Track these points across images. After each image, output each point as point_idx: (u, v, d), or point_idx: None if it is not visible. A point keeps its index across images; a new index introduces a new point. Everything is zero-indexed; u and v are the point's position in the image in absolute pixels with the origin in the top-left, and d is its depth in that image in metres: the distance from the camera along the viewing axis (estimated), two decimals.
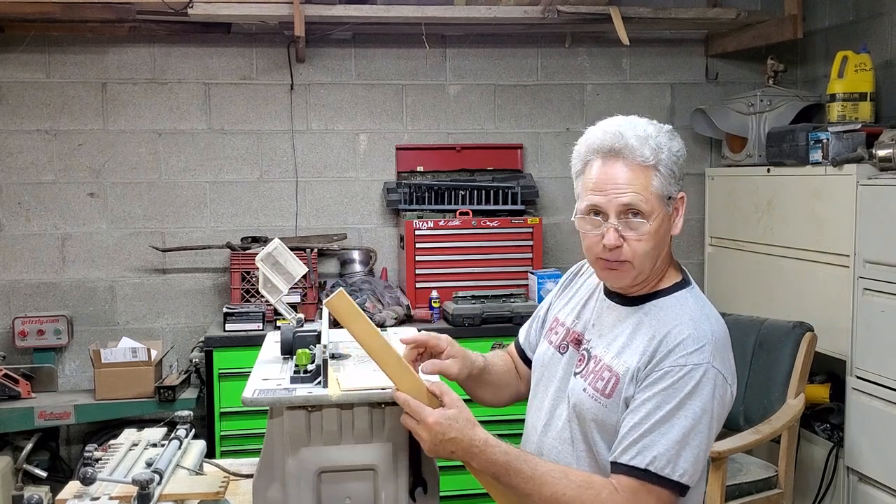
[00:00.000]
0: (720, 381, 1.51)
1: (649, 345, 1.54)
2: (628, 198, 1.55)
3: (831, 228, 3.23)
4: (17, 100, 3.94)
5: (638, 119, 1.62)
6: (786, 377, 3.01)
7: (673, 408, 1.48)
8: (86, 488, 1.55)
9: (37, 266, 3.99)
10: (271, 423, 1.57)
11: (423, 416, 1.48)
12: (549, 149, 4.27)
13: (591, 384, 1.60)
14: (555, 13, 3.74)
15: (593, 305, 1.72)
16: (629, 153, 1.55)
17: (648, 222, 1.56)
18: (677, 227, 1.63)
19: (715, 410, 1.51)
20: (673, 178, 1.58)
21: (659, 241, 1.58)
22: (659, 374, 1.51)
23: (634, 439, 1.49)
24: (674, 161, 1.58)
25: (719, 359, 1.52)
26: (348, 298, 1.54)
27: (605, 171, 1.58)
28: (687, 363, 1.49)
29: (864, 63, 3.46)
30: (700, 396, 1.49)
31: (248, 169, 4.11)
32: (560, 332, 1.77)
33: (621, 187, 1.55)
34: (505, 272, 3.90)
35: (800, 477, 3.32)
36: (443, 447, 1.49)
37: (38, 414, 3.58)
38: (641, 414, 1.50)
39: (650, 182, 1.56)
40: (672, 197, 1.59)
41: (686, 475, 1.48)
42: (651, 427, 1.48)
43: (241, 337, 3.51)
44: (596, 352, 1.64)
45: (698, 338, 1.51)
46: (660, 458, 1.47)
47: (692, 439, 1.48)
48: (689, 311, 1.57)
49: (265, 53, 4.08)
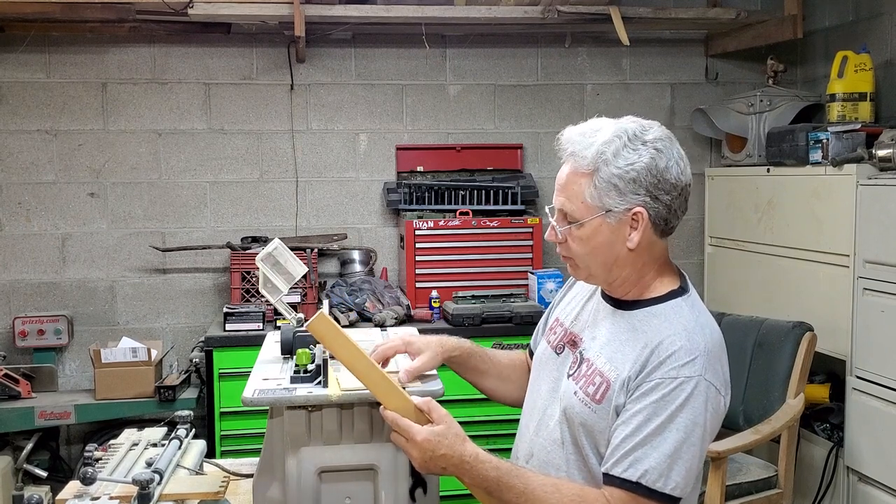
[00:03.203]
0: (712, 394, 1.50)
1: (641, 353, 1.53)
2: (559, 201, 1.62)
3: (831, 228, 3.23)
4: (17, 100, 3.94)
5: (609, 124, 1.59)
6: (786, 377, 3.01)
7: (664, 420, 1.47)
8: (86, 488, 1.55)
9: (37, 266, 4.00)
10: (271, 423, 1.57)
11: (412, 433, 1.48)
12: (549, 149, 4.27)
13: (582, 388, 1.60)
14: (555, 13, 3.74)
15: (591, 307, 1.72)
16: (570, 157, 1.59)
17: (578, 227, 1.58)
18: (632, 242, 1.56)
19: (707, 423, 1.50)
20: (614, 191, 1.53)
21: (597, 248, 1.58)
22: (650, 385, 1.49)
23: (626, 451, 1.48)
24: (618, 175, 1.53)
25: (711, 371, 1.51)
26: (329, 319, 1.52)
27: (560, 171, 1.63)
28: (678, 375, 1.48)
29: (864, 63, 3.46)
30: (691, 409, 1.48)
31: (248, 169, 4.11)
32: (558, 332, 1.77)
33: (560, 189, 1.62)
34: (505, 272, 3.90)
35: (800, 477, 3.32)
36: (433, 464, 1.49)
37: (39, 414, 3.58)
38: (633, 426, 1.49)
39: (583, 190, 1.56)
40: (613, 210, 1.55)
41: (678, 488, 1.47)
42: (643, 440, 1.47)
43: (241, 337, 3.51)
44: (589, 354, 1.63)
45: (691, 349, 1.50)
46: (652, 472, 1.46)
47: (684, 452, 1.47)
48: (683, 321, 1.55)
49: (265, 53, 4.09)
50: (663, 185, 1.55)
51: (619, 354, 1.57)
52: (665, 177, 1.55)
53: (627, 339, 1.58)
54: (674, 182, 1.56)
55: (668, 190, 1.56)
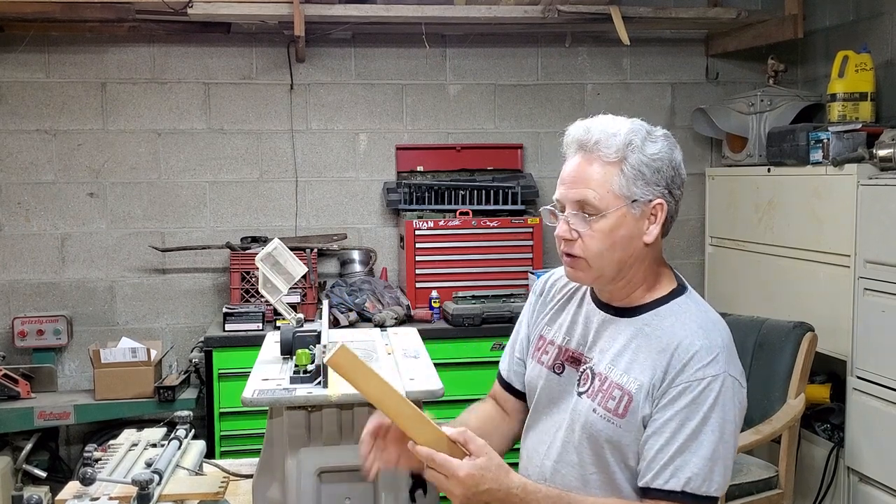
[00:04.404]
0: (737, 388, 1.49)
1: (660, 358, 1.49)
2: (581, 192, 1.52)
3: (832, 228, 3.23)
4: (17, 100, 3.94)
5: (624, 119, 1.58)
6: (786, 377, 3.01)
7: (699, 423, 1.44)
8: (85, 488, 1.55)
9: (36, 266, 3.99)
10: (271, 423, 1.57)
11: (453, 469, 1.37)
12: (549, 149, 4.27)
13: (600, 404, 1.54)
14: (555, 13, 3.74)
15: (583, 319, 1.65)
16: (594, 148, 1.53)
17: (601, 219, 1.51)
18: (651, 236, 1.54)
19: (737, 418, 1.49)
20: (641, 180, 1.52)
21: (617, 242, 1.52)
22: (678, 389, 1.46)
23: (665, 462, 1.45)
24: (645, 163, 1.52)
25: (733, 365, 1.49)
26: (351, 353, 1.38)
27: (571, 164, 1.57)
28: (705, 376, 1.45)
29: (865, 63, 3.46)
30: (721, 407, 1.45)
31: (248, 169, 4.11)
32: (551, 352, 1.68)
33: (578, 181, 1.54)
34: (505, 272, 3.90)
35: (800, 477, 3.32)
36: (477, 499, 1.40)
37: (38, 414, 3.57)
38: (667, 434, 1.45)
39: (610, 179, 1.51)
40: (638, 200, 1.52)
41: (720, 489, 1.46)
42: (680, 447, 1.44)
43: (240, 337, 3.51)
44: (600, 369, 1.57)
45: (710, 348, 1.47)
46: (695, 479, 1.43)
47: (721, 452, 1.45)
48: (695, 320, 1.52)
49: (265, 53, 4.08)
50: (677, 180, 1.56)
51: (635, 364, 1.52)
52: (679, 171, 1.57)
53: (640, 345, 1.53)
54: (683, 178, 1.58)
55: (679, 185, 1.57)
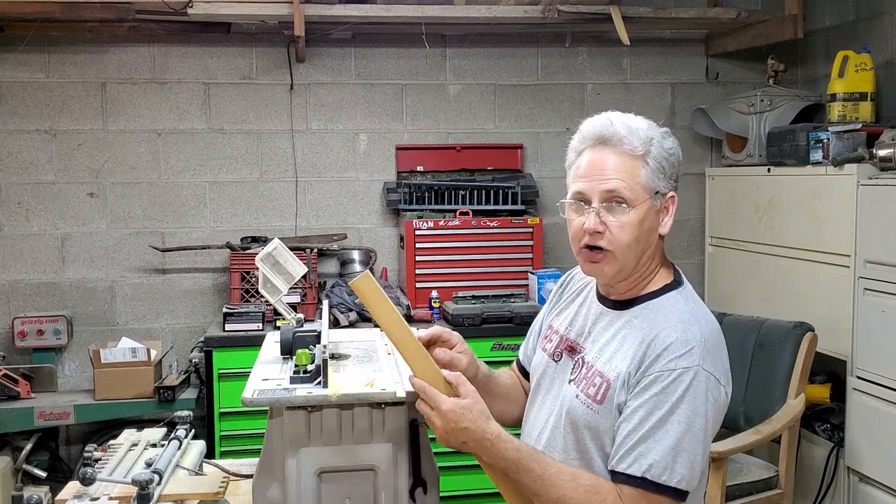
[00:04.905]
0: (712, 384, 1.50)
1: (639, 349, 1.53)
2: (612, 184, 1.56)
3: (832, 228, 3.23)
4: (17, 100, 3.94)
5: (633, 115, 1.64)
6: (786, 377, 3.01)
7: (665, 413, 1.47)
8: (85, 488, 1.55)
9: (36, 266, 3.99)
10: (271, 424, 1.56)
11: (438, 402, 1.48)
12: (549, 149, 4.27)
13: (583, 390, 1.60)
14: (555, 13, 3.74)
15: (585, 311, 1.71)
16: (618, 141, 1.57)
17: (631, 210, 1.55)
18: (666, 227, 1.62)
19: (709, 414, 1.49)
20: (662, 173, 1.58)
21: (642, 234, 1.57)
22: (649, 379, 1.49)
23: (629, 447, 1.49)
24: (664, 157, 1.58)
25: (710, 361, 1.50)
26: (373, 280, 1.57)
27: (594, 157, 1.59)
28: (676, 367, 1.48)
29: (865, 63, 3.46)
30: (691, 400, 1.47)
31: (248, 169, 4.11)
32: (554, 340, 1.76)
33: (607, 173, 1.57)
34: (505, 272, 3.90)
35: (800, 477, 3.32)
36: (454, 436, 1.49)
37: (38, 414, 3.57)
38: (634, 421, 1.49)
39: (637, 171, 1.56)
40: (660, 192, 1.58)
41: (683, 481, 1.47)
42: (645, 434, 1.47)
43: (240, 337, 3.51)
44: (588, 357, 1.63)
45: (686, 341, 1.50)
46: (656, 466, 1.46)
47: (687, 444, 1.47)
48: (678, 314, 1.56)
49: (265, 53, 4.08)
50: (679, 176, 1.63)
51: (618, 354, 1.57)
52: (680, 169, 1.63)
53: (626, 336, 1.58)
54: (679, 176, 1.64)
55: (678, 180, 1.63)
